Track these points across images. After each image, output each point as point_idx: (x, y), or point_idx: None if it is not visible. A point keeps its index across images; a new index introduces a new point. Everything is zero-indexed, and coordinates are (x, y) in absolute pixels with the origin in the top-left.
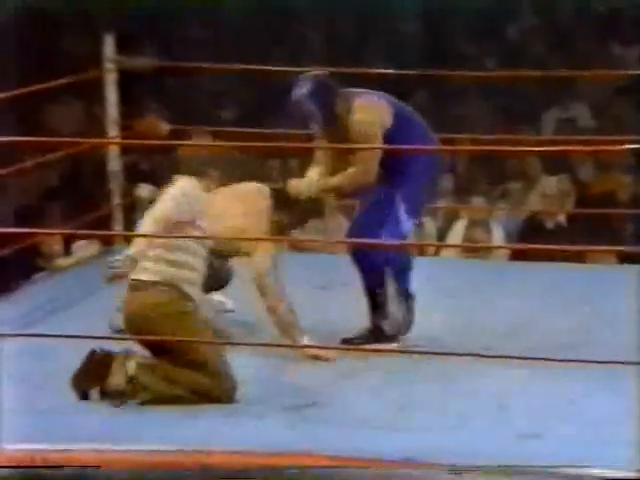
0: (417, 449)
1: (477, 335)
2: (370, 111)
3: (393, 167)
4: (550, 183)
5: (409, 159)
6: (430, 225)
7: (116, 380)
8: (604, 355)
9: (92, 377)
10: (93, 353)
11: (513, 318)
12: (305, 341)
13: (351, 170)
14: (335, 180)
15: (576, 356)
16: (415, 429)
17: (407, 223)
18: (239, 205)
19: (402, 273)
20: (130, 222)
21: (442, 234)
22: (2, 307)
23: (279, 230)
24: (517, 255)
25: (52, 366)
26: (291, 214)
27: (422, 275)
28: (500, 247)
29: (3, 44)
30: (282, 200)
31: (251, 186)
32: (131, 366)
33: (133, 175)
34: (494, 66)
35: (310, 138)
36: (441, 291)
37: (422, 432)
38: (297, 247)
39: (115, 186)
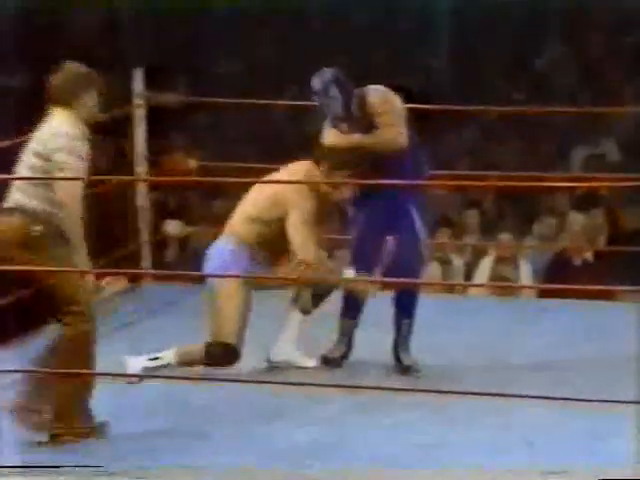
0: None
1: (503, 372)
2: (391, 95)
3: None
4: (577, 220)
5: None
6: (457, 262)
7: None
8: (631, 394)
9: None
10: None
11: (539, 356)
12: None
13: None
14: (370, 138)
15: (602, 394)
16: (440, 465)
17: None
18: (277, 174)
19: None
20: (158, 259)
21: (469, 271)
22: (35, 342)
23: (326, 199)
24: (545, 292)
25: None
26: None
27: (449, 312)
28: (522, 287)
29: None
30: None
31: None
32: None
33: (161, 212)
34: (522, 100)
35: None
36: (467, 328)
37: (448, 468)
38: None
39: (143, 223)
